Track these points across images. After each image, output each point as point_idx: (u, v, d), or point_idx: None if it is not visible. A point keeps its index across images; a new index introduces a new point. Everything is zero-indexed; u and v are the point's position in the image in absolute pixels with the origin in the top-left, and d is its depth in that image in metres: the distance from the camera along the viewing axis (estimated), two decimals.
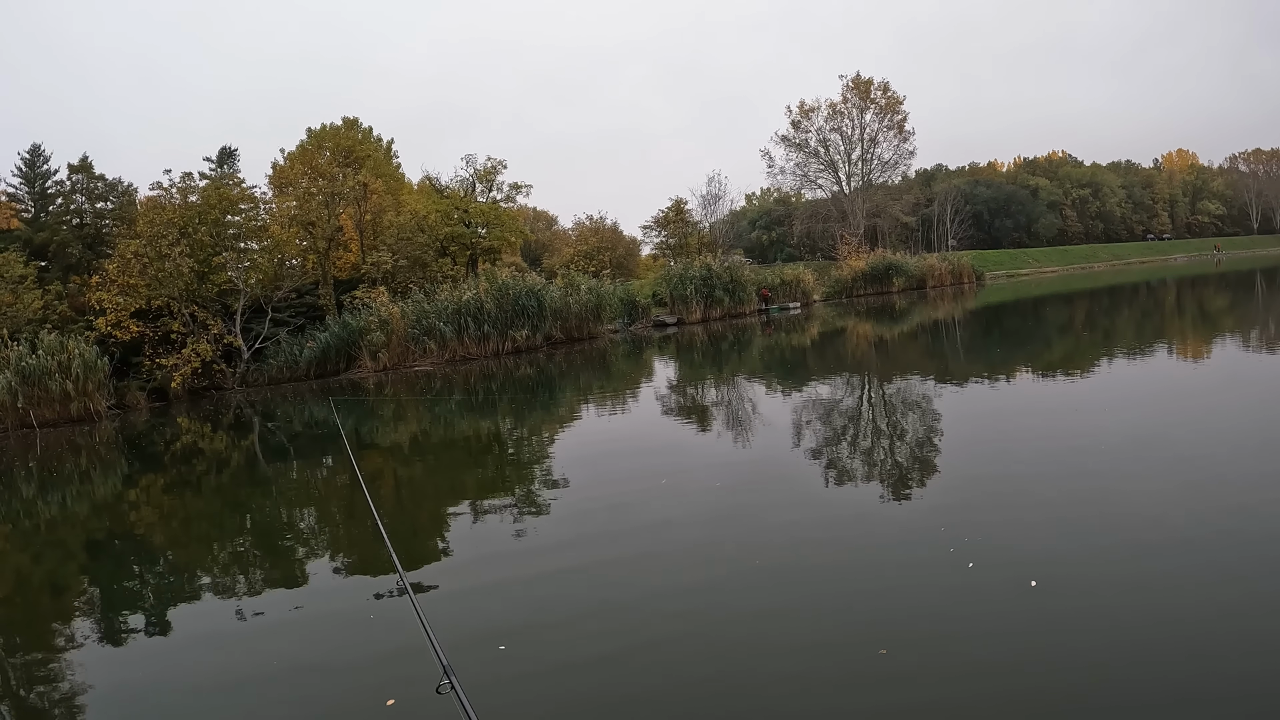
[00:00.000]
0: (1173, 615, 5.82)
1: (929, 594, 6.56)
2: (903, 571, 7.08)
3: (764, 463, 12.01)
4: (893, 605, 6.44)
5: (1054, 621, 5.84)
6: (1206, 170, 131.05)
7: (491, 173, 46.89)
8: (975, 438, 12.21)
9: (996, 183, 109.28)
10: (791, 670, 5.58)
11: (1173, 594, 6.16)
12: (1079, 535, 7.43)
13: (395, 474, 14.76)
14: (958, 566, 6.94)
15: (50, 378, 25.91)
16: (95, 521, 13.83)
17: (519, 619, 6.97)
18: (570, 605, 7.19)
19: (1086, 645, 5.42)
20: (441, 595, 7.76)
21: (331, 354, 33.73)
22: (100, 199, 38.93)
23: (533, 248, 75.98)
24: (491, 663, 6.10)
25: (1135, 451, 10.31)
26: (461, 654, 5.61)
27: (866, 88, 74.67)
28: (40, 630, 8.40)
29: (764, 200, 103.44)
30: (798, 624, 6.37)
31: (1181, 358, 19.42)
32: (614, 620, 6.83)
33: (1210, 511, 7.76)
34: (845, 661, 5.69)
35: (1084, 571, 6.64)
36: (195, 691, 6.34)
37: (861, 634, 6.01)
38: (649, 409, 18.65)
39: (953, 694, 5.12)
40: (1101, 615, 5.84)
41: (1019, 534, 7.68)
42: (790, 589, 7.04)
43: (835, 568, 7.45)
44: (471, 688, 4.28)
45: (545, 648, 6.37)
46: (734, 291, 47.18)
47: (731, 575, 7.52)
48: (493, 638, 6.55)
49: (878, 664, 5.52)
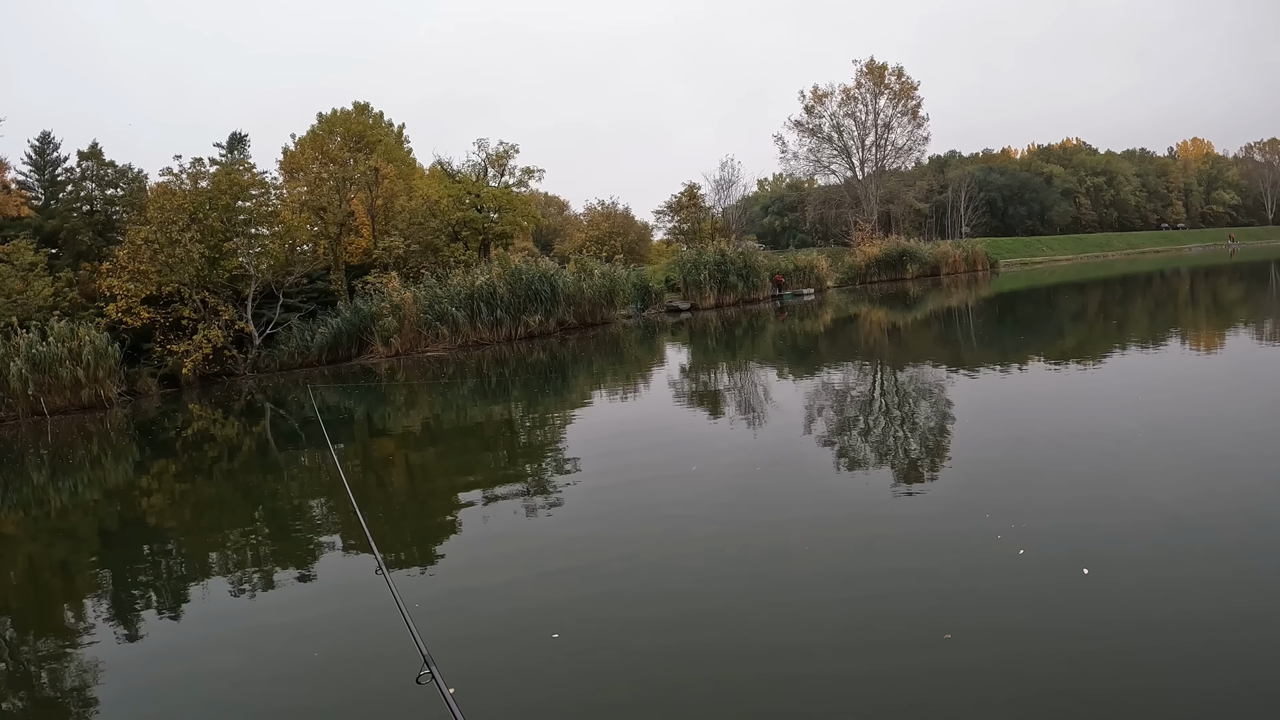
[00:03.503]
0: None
1: (985, 580, 6.48)
2: (957, 558, 7.00)
3: (785, 450, 11.76)
4: (950, 591, 6.35)
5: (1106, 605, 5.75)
6: (1222, 160, 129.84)
7: (504, 157, 46.53)
8: (1007, 424, 11.96)
9: (1010, 170, 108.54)
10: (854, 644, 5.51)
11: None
12: (1122, 521, 7.34)
13: (406, 460, 14.62)
14: (1008, 553, 6.85)
15: (61, 365, 25.73)
16: (106, 507, 13.66)
17: (506, 610, 6.92)
18: (579, 597, 7.05)
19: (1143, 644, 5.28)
20: (427, 584, 7.72)
21: (343, 339, 33.49)
22: (110, 185, 38.65)
23: (544, 233, 75.68)
24: (473, 653, 6.08)
25: (1164, 441, 10.11)
26: (443, 644, 5.46)
27: (880, 73, 74.13)
28: (50, 615, 8.35)
29: (776, 186, 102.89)
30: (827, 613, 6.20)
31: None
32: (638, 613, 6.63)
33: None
34: (912, 647, 5.55)
35: (1133, 555, 6.61)
36: (194, 680, 6.30)
37: (926, 620, 5.88)
38: (666, 394, 18.44)
39: (1016, 678, 5.05)
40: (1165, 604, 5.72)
41: (1061, 520, 7.53)
42: (834, 577, 6.93)
43: (887, 554, 7.30)
44: (452, 678, 4.31)
45: (539, 640, 6.19)
46: (748, 277, 46.84)
47: (764, 564, 7.35)
48: (477, 627, 6.53)
49: (945, 650, 5.43)
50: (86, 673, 6.68)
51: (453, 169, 47.93)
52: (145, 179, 39.24)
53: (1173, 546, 6.74)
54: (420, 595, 7.21)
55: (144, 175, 39.49)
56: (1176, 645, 5.22)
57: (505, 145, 46.60)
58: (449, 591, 7.51)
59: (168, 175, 34.13)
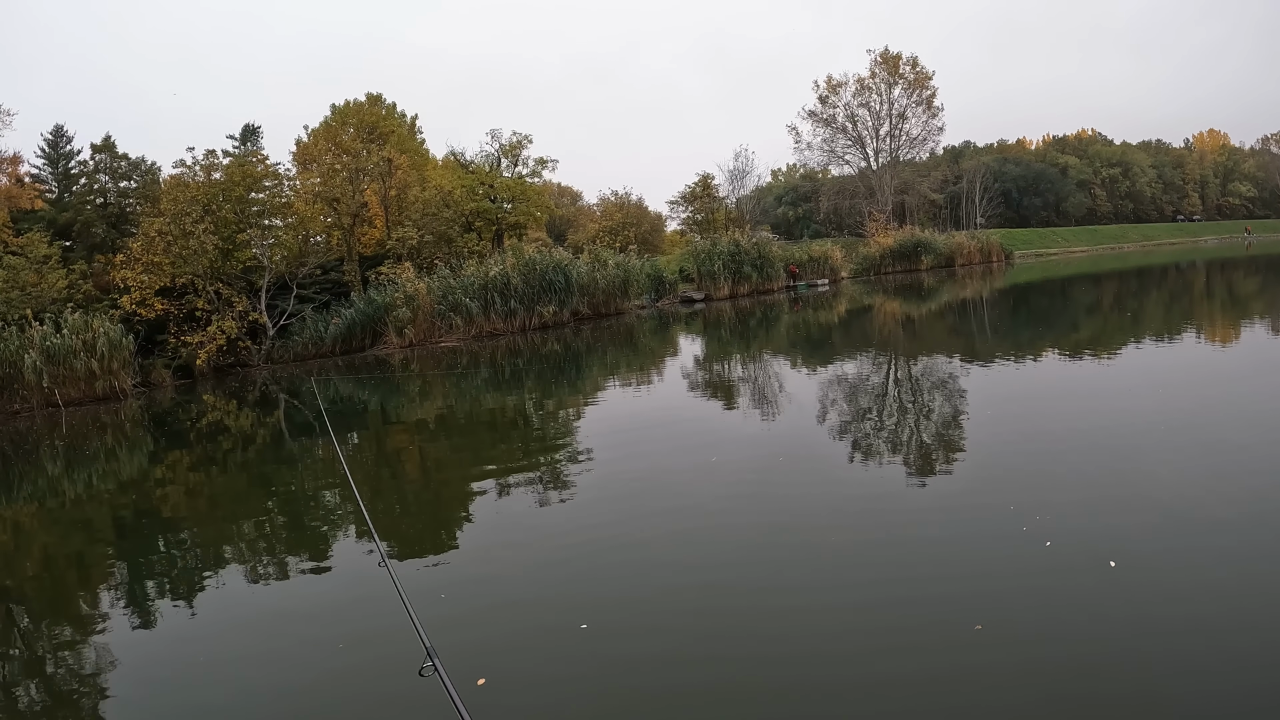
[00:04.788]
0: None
1: (1014, 572, 6.35)
2: (984, 549, 6.89)
3: (805, 442, 11.64)
4: (979, 582, 6.24)
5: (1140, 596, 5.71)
6: (1238, 151, 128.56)
7: (517, 147, 46.45)
8: (1024, 418, 11.76)
9: (1025, 160, 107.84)
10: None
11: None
12: (1146, 514, 7.25)
13: (419, 450, 14.54)
14: (1035, 545, 6.72)
15: (75, 357, 25.76)
16: (120, 498, 13.60)
17: (514, 600, 6.84)
18: (588, 591, 6.95)
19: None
20: (432, 575, 7.61)
21: (357, 330, 33.51)
22: (124, 178, 38.67)
23: (557, 223, 75.59)
24: (475, 644, 5.99)
25: (1186, 436, 9.94)
26: (445, 634, 5.43)
27: (895, 63, 73.65)
28: (65, 604, 8.34)
29: (790, 176, 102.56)
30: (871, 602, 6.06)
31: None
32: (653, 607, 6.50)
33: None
34: (944, 636, 5.46)
35: (1159, 548, 6.56)
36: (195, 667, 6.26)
37: (958, 610, 5.78)
38: (681, 385, 18.30)
39: (1047, 669, 4.94)
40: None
41: (1085, 513, 7.41)
42: (869, 568, 6.81)
43: (913, 543, 7.17)
44: (454, 670, 4.13)
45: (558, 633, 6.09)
46: (762, 268, 46.53)
47: (790, 551, 7.23)
48: (481, 618, 6.46)
49: (976, 638, 5.36)
50: (100, 660, 6.66)
51: (466, 159, 47.84)
52: (159, 171, 39.30)
53: (1200, 545, 6.56)
54: (429, 585, 7.14)
55: (157, 167, 39.55)
56: (1225, 643, 5.07)
57: (518, 135, 46.61)
58: (458, 580, 7.40)
59: (181, 167, 34.19)
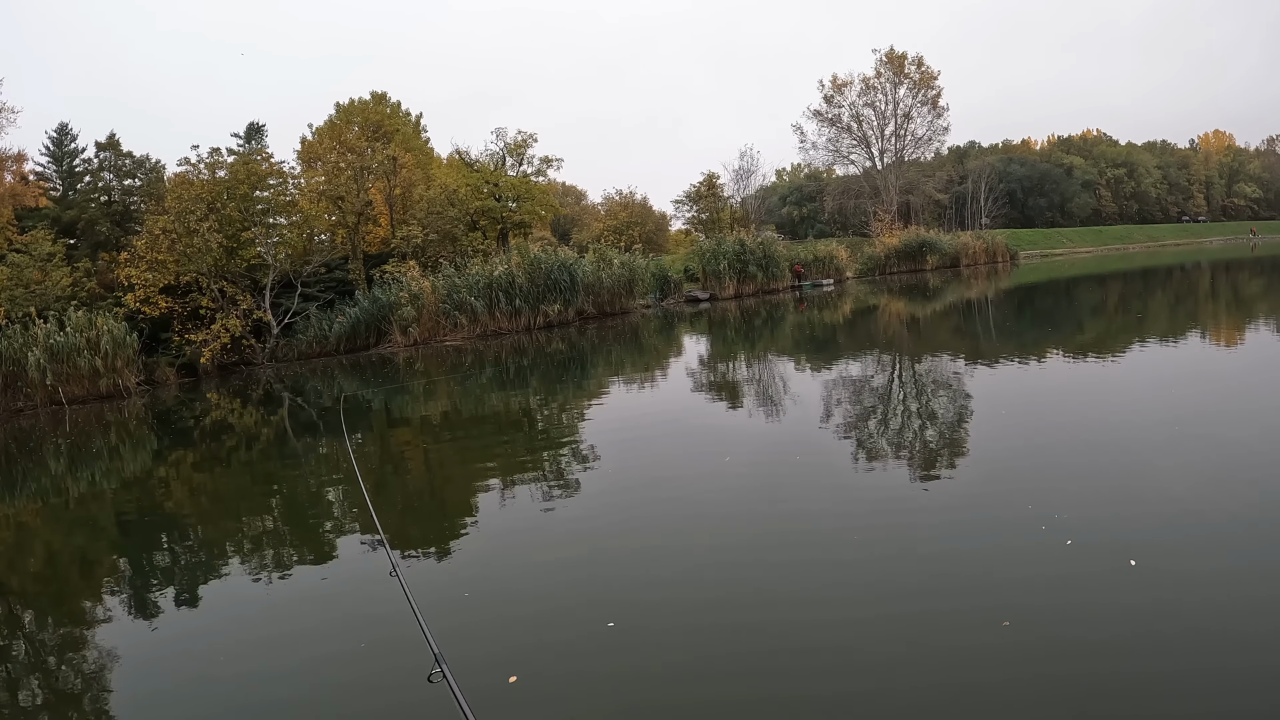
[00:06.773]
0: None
1: (1037, 569, 6.25)
2: (1005, 548, 6.79)
3: (817, 443, 11.48)
4: (1001, 579, 6.17)
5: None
6: (1244, 152, 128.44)
7: (522, 146, 46.39)
8: (1039, 416, 11.64)
9: (1030, 160, 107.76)
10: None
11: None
12: (1164, 511, 7.17)
13: (424, 449, 14.43)
14: (1056, 543, 6.62)
15: (79, 354, 25.74)
16: (123, 495, 13.51)
17: (521, 599, 6.76)
18: (585, 591, 6.84)
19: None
20: (442, 579, 7.48)
21: (361, 329, 33.47)
22: (128, 176, 38.69)
23: (562, 222, 75.60)
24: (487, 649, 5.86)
25: (1197, 433, 9.83)
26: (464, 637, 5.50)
27: (900, 63, 73.61)
28: (68, 602, 8.26)
29: (795, 176, 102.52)
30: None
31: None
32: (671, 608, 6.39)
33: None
34: (971, 632, 5.40)
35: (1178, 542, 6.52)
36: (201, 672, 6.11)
37: (983, 606, 5.71)
38: (687, 385, 18.21)
39: (1080, 664, 4.81)
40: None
41: (1102, 510, 7.31)
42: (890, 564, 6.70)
43: (935, 541, 7.05)
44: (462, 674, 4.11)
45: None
46: (767, 267, 46.44)
47: (808, 551, 7.12)
48: (492, 624, 6.33)
49: (1003, 635, 5.27)
50: (103, 659, 6.58)
51: (471, 158, 47.80)
52: (163, 169, 39.33)
53: (1219, 539, 6.48)
54: (437, 588, 7.05)
55: (162, 165, 39.58)
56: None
57: (523, 134, 46.60)
58: (466, 581, 7.27)
59: (186, 165, 34.13)
